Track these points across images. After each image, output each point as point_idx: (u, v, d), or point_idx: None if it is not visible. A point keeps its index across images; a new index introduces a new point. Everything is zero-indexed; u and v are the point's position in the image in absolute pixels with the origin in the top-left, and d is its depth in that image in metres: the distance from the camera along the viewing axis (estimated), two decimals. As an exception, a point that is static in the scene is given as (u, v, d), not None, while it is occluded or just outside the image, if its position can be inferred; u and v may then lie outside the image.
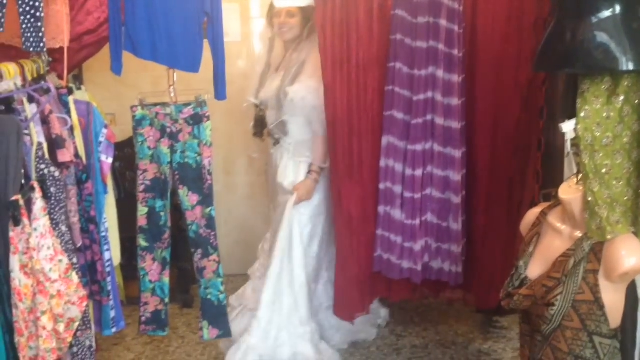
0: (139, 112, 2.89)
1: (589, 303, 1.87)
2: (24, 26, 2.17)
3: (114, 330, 2.71)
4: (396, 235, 3.19)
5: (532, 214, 2.21)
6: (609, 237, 1.85)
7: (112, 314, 2.68)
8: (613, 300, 1.86)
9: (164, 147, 2.89)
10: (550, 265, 1.99)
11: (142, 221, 2.96)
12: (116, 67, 2.76)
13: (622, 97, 1.86)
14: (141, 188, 2.94)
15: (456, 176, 3.14)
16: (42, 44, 2.18)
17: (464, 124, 3.13)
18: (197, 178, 2.90)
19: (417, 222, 3.17)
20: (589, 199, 1.87)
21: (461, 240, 3.21)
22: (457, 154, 3.13)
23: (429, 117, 3.11)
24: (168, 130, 2.87)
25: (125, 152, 4.17)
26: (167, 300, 3.04)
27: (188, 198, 2.93)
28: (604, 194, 1.85)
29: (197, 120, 2.86)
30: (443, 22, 3.02)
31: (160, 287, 3.02)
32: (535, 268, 2.07)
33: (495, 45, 3.05)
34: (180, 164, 2.89)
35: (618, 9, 1.82)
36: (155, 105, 2.89)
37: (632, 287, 1.95)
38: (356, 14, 3.05)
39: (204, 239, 2.97)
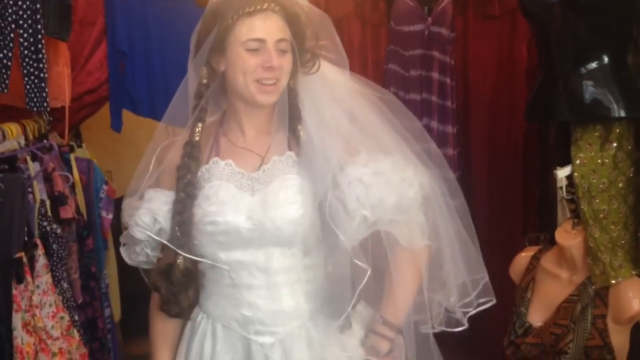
0: None
1: (599, 348, 1.88)
2: (28, 87, 2.20)
3: (115, 389, 2.63)
4: None
5: (522, 258, 2.20)
6: (613, 281, 1.87)
7: (114, 372, 2.61)
8: (621, 342, 1.88)
9: None
10: (552, 311, 1.99)
11: None
12: (116, 124, 2.81)
13: (615, 144, 1.91)
14: None
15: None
16: (45, 104, 2.20)
17: (460, 174, 3.16)
18: None
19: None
20: (591, 245, 1.90)
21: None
22: (453, 204, 3.15)
23: (423, 169, 3.15)
24: None
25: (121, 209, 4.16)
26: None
27: None
28: (605, 239, 1.88)
29: None
30: (435, 75, 3.10)
31: None
32: (536, 314, 2.07)
33: (488, 96, 3.13)
34: None
35: (606, 59, 1.89)
36: None
37: (636, 326, 1.96)
38: (350, 69, 3.11)
39: None
